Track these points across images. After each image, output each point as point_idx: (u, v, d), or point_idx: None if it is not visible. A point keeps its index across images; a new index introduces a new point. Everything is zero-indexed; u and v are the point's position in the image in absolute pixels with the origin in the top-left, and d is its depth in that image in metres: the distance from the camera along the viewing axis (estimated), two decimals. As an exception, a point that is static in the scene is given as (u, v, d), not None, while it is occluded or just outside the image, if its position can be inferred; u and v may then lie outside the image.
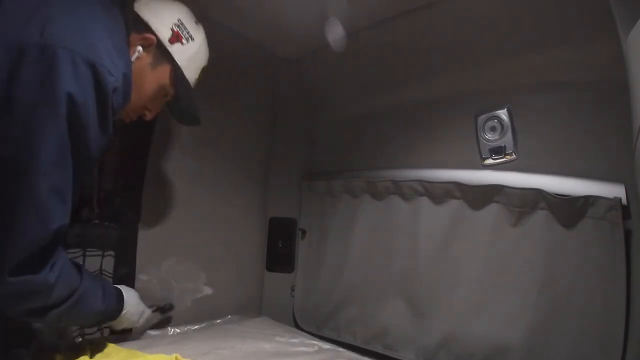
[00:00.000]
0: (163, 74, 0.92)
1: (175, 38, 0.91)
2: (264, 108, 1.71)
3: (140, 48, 0.87)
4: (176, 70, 0.93)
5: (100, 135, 0.73)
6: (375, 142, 1.54)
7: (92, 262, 1.20)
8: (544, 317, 1.06)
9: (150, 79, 0.91)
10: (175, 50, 0.91)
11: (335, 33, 1.36)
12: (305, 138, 1.75)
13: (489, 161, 1.24)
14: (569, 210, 1.05)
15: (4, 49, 0.66)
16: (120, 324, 1.02)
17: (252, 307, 1.63)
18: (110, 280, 1.22)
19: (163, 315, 1.25)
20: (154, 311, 1.18)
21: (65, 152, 0.68)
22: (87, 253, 1.20)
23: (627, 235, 0.97)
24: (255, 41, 1.57)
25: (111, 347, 0.98)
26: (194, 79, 1.00)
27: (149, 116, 0.97)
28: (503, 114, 1.21)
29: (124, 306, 0.99)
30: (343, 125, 1.66)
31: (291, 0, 1.27)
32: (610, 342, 0.96)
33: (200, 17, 1.05)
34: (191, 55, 0.95)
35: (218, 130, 1.50)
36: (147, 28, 0.89)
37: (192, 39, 0.95)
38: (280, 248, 1.69)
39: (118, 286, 1.01)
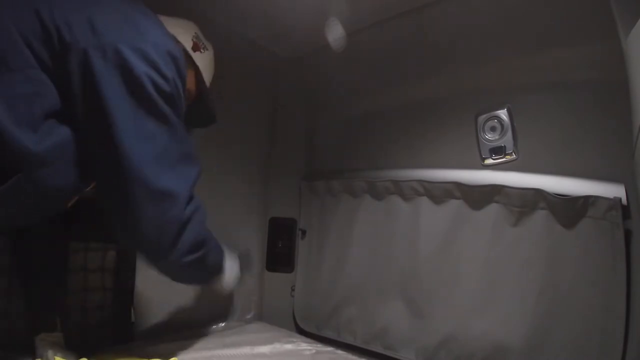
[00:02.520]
0: (189, 78, 0.99)
1: (196, 47, 1.01)
2: (264, 108, 1.71)
3: None
4: (198, 75, 1.03)
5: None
6: (375, 142, 1.54)
7: (94, 260, 1.21)
8: (544, 317, 1.06)
9: None
10: (196, 57, 1.02)
11: (335, 33, 1.36)
12: (305, 138, 1.75)
13: (489, 161, 1.24)
14: (569, 210, 1.05)
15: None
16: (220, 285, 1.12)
17: (252, 307, 1.63)
18: (112, 275, 1.23)
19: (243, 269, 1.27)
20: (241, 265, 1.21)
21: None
22: (90, 247, 1.20)
23: (627, 235, 0.97)
24: (255, 41, 1.57)
25: (107, 357, 0.98)
26: (209, 83, 1.10)
27: None
28: (503, 114, 1.21)
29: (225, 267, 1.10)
30: (343, 125, 1.66)
31: (291, 0, 1.27)
32: (610, 342, 0.96)
33: (201, 18, 1.08)
34: (208, 62, 1.07)
35: (218, 130, 1.49)
36: (173, 39, 0.95)
37: (207, 49, 1.06)
38: (280, 248, 1.69)
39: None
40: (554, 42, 1.10)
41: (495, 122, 1.22)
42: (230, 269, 1.13)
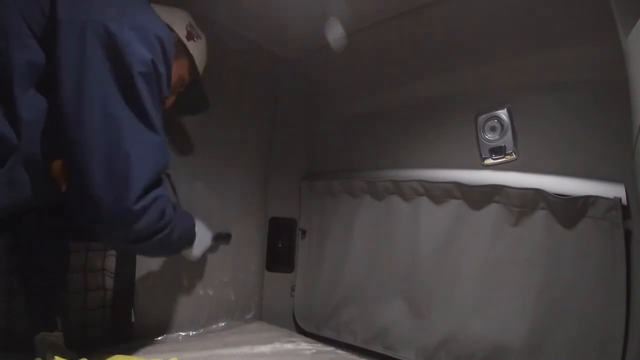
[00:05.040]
0: (182, 65, 1.05)
1: (190, 36, 1.05)
2: (264, 108, 1.71)
3: None
4: (192, 63, 1.07)
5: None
6: (375, 142, 1.54)
7: (95, 260, 1.21)
8: (544, 317, 1.06)
9: (173, 71, 0.98)
10: (190, 45, 1.05)
11: (335, 33, 1.36)
12: (305, 138, 1.75)
13: (489, 161, 1.24)
14: (569, 210, 1.05)
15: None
16: (189, 252, 1.12)
17: (252, 307, 1.63)
18: (112, 275, 1.23)
19: (220, 243, 1.31)
20: (214, 239, 1.22)
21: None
22: (90, 247, 1.20)
23: (627, 235, 0.97)
24: (255, 41, 1.57)
25: (108, 357, 0.98)
26: (202, 71, 1.13)
27: (167, 104, 1.06)
28: (503, 114, 1.21)
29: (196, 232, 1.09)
30: (343, 125, 1.66)
31: (291, 0, 1.27)
32: (610, 343, 0.96)
33: (201, 18, 1.11)
34: (201, 50, 1.10)
35: (218, 130, 1.50)
36: (167, 27, 0.96)
37: (200, 38, 1.10)
38: (280, 248, 1.69)
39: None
40: (554, 42, 1.10)
41: (495, 122, 1.22)
42: (201, 238, 1.13)
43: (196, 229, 1.09)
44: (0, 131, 0.67)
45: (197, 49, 1.07)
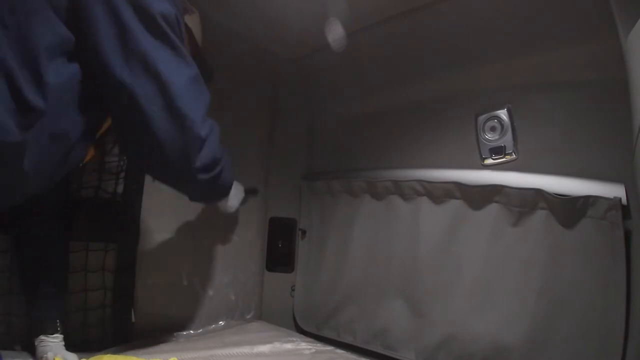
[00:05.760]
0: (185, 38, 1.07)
1: (185, 10, 1.05)
2: (264, 108, 1.71)
3: None
4: (191, 36, 1.09)
5: None
6: (375, 142, 1.53)
7: (95, 260, 1.21)
8: (544, 317, 1.06)
9: None
10: (187, 19, 1.06)
11: (335, 33, 1.36)
12: (305, 138, 1.75)
13: (489, 161, 1.24)
14: (569, 210, 1.05)
15: None
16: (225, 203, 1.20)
17: (252, 307, 1.63)
18: (112, 275, 1.23)
19: (250, 197, 1.37)
20: (245, 191, 1.31)
21: None
22: (90, 247, 1.20)
23: (627, 235, 0.97)
24: (255, 41, 1.57)
25: (107, 357, 0.98)
26: (200, 43, 1.16)
27: None
28: (503, 114, 1.21)
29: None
30: (343, 125, 1.66)
31: (291, 0, 1.27)
32: (610, 342, 0.95)
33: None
34: (197, 23, 1.13)
35: (218, 130, 1.50)
36: None
37: (194, 12, 1.13)
38: (280, 248, 1.69)
39: None
40: (554, 42, 1.10)
41: (495, 122, 1.22)
42: (236, 189, 1.21)
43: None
44: (25, 94, 0.67)
45: (193, 21, 1.10)
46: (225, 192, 1.12)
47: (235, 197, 1.22)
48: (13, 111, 0.67)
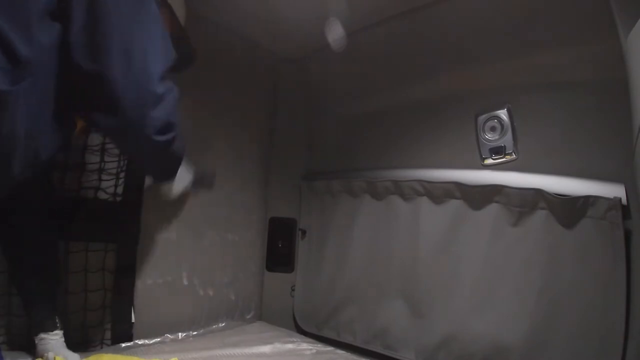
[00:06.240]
0: (165, 18, 1.02)
1: None
2: (264, 108, 1.71)
3: None
4: (173, 15, 1.07)
5: None
6: (375, 142, 1.54)
7: (95, 260, 1.21)
8: (544, 317, 1.06)
9: None
10: None
11: (335, 33, 1.36)
12: (305, 138, 1.75)
13: (489, 161, 1.24)
14: (569, 210, 1.05)
15: None
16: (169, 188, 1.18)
17: (252, 307, 1.63)
18: (112, 275, 1.23)
19: (205, 182, 1.33)
20: (195, 177, 1.26)
21: None
22: (90, 248, 1.20)
23: (627, 235, 0.97)
24: (255, 41, 1.57)
25: (107, 357, 0.98)
26: (183, 23, 1.12)
27: None
28: (503, 114, 1.21)
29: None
30: (343, 125, 1.66)
31: (291, 0, 1.27)
32: (610, 342, 0.95)
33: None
34: (179, 3, 1.09)
35: (218, 130, 1.50)
36: None
37: None
38: (280, 248, 1.69)
39: None
40: (554, 42, 1.10)
41: (495, 122, 1.22)
42: (184, 172, 1.18)
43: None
44: (15, 47, 0.67)
45: (174, 2, 1.07)
46: (177, 162, 1.08)
47: (181, 179, 1.18)
48: (3, 63, 0.67)
